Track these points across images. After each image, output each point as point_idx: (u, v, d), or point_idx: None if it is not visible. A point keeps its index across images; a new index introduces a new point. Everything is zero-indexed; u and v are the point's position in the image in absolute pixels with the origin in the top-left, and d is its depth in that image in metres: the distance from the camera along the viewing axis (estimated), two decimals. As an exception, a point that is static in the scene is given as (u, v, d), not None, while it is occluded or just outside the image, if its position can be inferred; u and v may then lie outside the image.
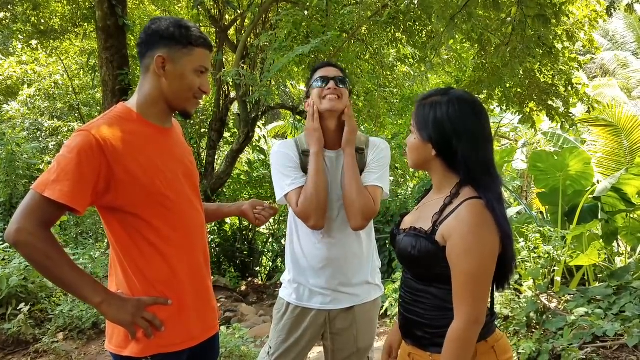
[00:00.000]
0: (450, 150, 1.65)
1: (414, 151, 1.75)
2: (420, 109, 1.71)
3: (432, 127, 1.67)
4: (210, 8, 8.46)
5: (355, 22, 6.55)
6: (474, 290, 1.58)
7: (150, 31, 1.74)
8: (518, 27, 4.32)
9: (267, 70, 6.15)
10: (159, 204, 1.71)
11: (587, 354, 3.84)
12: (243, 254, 9.84)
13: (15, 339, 4.50)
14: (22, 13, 9.19)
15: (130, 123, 1.72)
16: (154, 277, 1.72)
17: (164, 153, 1.78)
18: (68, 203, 1.54)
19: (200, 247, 1.86)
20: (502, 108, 7.85)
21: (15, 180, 7.86)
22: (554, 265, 5.25)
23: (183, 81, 1.74)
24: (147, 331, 1.67)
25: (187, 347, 1.79)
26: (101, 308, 1.63)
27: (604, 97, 13.34)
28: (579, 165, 5.96)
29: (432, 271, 1.66)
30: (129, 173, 1.64)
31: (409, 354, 1.79)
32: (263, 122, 11.15)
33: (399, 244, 1.74)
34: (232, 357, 4.21)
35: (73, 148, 1.58)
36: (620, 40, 19.79)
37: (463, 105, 1.66)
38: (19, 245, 1.55)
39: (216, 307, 1.98)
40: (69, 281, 1.60)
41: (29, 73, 12.04)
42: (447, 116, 1.65)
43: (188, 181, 1.85)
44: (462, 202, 1.62)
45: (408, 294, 1.76)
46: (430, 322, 1.68)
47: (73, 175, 1.55)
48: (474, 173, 1.64)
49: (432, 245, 1.63)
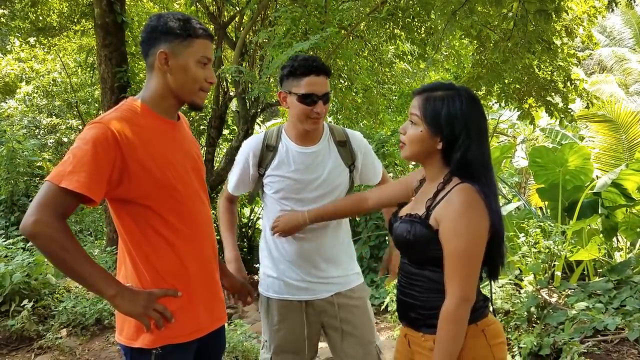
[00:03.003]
0: (456, 144, 1.69)
1: (417, 143, 1.75)
2: (429, 102, 1.72)
3: (445, 122, 1.69)
4: (209, 5, 8.45)
5: (354, 18, 6.55)
6: (463, 269, 1.64)
7: (149, 29, 1.76)
8: (519, 23, 4.33)
9: (266, 67, 6.14)
10: (169, 197, 1.74)
11: (588, 348, 3.87)
12: (243, 251, 9.84)
13: (18, 336, 4.50)
14: (21, 10, 9.16)
15: (142, 117, 1.75)
16: (164, 269, 1.74)
17: (174, 146, 1.81)
18: (86, 192, 1.55)
19: (208, 239, 1.89)
20: (501, 104, 7.86)
21: (16, 178, 7.86)
22: (554, 260, 5.26)
23: (188, 74, 1.75)
24: (158, 323, 1.69)
25: (195, 338, 1.81)
26: (114, 301, 1.64)
27: (601, 93, 13.37)
28: (579, 161, 5.97)
29: (426, 254, 1.72)
30: (142, 165, 1.67)
31: (405, 334, 1.86)
32: (262, 119, 11.15)
33: (395, 230, 1.80)
34: (234, 352, 4.23)
35: (89, 140, 1.60)
36: (617, 37, 19.82)
37: (472, 101, 1.72)
38: (37, 237, 1.55)
39: (224, 298, 2.01)
40: (83, 274, 1.61)
41: (27, 70, 12.02)
42: (461, 112, 1.68)
43: (196, 175, 1.88)
44: (454, 186, 1.69)
45: (404, 278, 1.82)
46: (424, 303, 1.74)
47: (90, 166, 1.57)
48: (473, 167, 1.69)
49: (426, 229, 1.69)
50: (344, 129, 2.46)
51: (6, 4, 9.09)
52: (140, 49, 1.83)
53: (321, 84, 2.22)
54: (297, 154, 2.32)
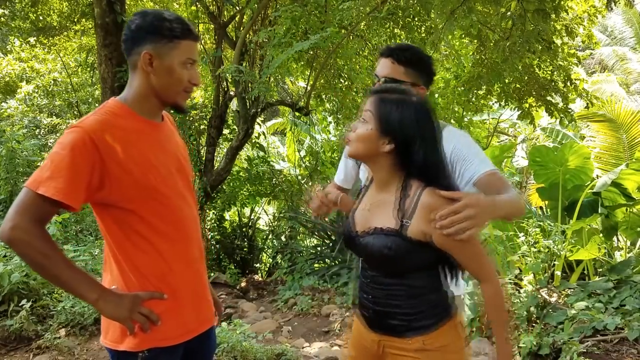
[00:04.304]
0: (412, 148, 1.68)
1: (364, 141, 1.72)
2: (384, 103, 1.71)
3: (399, 127, 1.67)
4: (209, 4, 8.44)
5: (354, 17, 6.54)
6: (479, 257, 1.71)
7: (134, 27, 1.72)
8: (518, 22, 4.32)
9: (266, 67, 6.14)
10: (152, 199, 1.71)
11: (587, 348, 3.86)
12: (243, 251, 9.84)
13: (17, 335, 4.50)
14: (21, 10, 9.17)
15: (123, 118, 1.72)
16: (149, 271, 1.73)
17: (156, 148, 1.78)
18: (63, 200, 1.54)
19: (195, 241, 1.86)
20: (501, 104, 7.86)
21: (16, 177, 7.84)
22: (554, 260, 5.26)
23: (172, 76, 1.72)
24: (144, 326, 1.67)
25: (183, 341, 1.79)
26: (98, 305, 1.63)
27: (602, 92, 13.34)
28: (579, 160, 5.97)
29: (405, 265, 1.71)
30: (122, 168, 1.64)
31: (378, 341, 1.83)
32: (262, 118, 11.14)
33: (367, 246, 1.74)
34: (233, 352, 4.22)
35: (66, 145, 1.57)
36: (618, 36, 19.78)
37: (427, 110, 1.72)
38: (15, 243, 1.54)
39: (212, 300, 1.98)
40: (65, 279, 1.59)
41: (27, 70, 12.01)
42: (416, 119, 1.68)
43: (181, 176, 1.85)
44: (419, 192, 1.67)
45: (378, 290, 1.78)
46: (409, 309, 1.74)
47: (67, 172, 1.55)
48: (434, 170, 1.69)
49: (404, 241, 1.66)
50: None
51: (6, 4, 9.09)
52: (123, 46, 1.78)
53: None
54: None
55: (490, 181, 1.94)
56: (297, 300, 6.74)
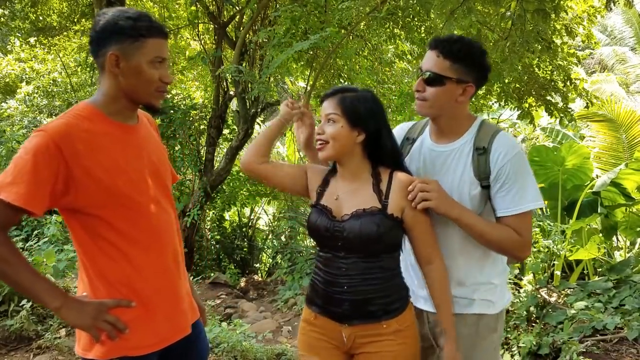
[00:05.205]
0: (381, 137, 1.87)
1: (340, 139, 1.84)
2: (345, 101, 1.85)
3: (368, 116, 1.85)
4: (209, 4, 8.45)
5: (354, 17, 6.54)
6: (434, 235, 1.88)
7: (98, 27, 1.66)
8: (517, 22, 4.33)
9: (266, 67, 6.15)
10: (121, 205, 1.67)
11: (587, 347, 3.87)
12: (243, 251, 9.86)
13: (17, 335, 4.50)
14: (21, 10, 9.16)
15: (91, 122, 1.66)
16: (117, 279, 1.68)
17: (128, 152, 1.72)
18: (24, 205, 1.50)
19: (169, 247, 1.81)
20: (501, 104, 7.85)
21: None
22: (554, 260, 5.27)
23: (141, 76, 1.66)
24: (110, 334, 1.64)
25: (155, 350, 1.74)
26: (60, 313, 1.60)
27: (602, 92, 13.34)
28: (578, 160, 5.97)
29: (385, 243, 1.84)
30: (88, 174, 1.60)
31: (349, 335, 1.87)
32: (262, 118, 11.14)
33: (352, 228, 1.83)
34: (233, 352, 4.23)
35: (30, 149, 1.53)
36: (618, 36, 19.78)
37: (379, 102, 1.93)
38: None
39: (189, 308, 1.89)
40: (26, 285, 1.57)
41: (27, 70, 12.02)
42: (376, 110, 1.88)
43: (156, 180, 1.79)
44: (391, 175, 1.88)
45: (355, 277, 1.85)
46: (384, 292, 1.85)
47: (29, 177, 1.51)
48: (395, 156, 1.92)
49: (387, 218, 1.82)
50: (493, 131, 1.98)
51: (6, 4, 9.09)
52: (89, 48, 1.71)
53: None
54: (428, 151, 2.05)
55: (511, 222, 1.91)
56: (297, 300, 6.74)
